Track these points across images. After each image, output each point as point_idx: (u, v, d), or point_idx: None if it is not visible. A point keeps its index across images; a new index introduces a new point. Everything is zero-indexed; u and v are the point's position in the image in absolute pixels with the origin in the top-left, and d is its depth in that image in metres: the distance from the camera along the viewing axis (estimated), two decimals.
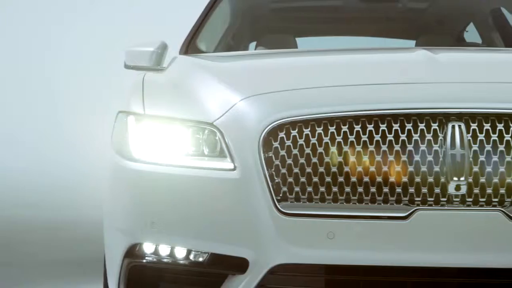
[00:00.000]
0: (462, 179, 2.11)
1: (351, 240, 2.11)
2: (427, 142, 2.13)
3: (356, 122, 2.15)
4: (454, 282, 2.12)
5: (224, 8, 4.34)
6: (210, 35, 4.14)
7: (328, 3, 4.60)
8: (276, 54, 3.28)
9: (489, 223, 2.10)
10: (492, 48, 3.66)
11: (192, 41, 3.78)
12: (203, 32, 3.95)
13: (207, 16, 4.04)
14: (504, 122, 2.13)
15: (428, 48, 2.76)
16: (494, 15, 4.45)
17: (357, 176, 2.13)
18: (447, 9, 4.60)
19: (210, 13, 4.08)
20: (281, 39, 4.35)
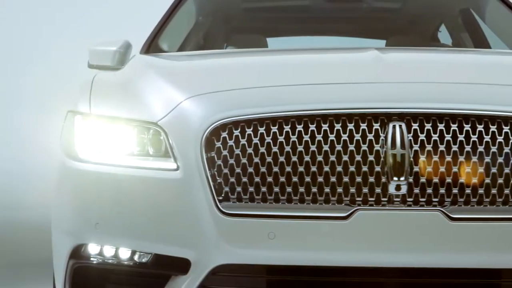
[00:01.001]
0: (402, 179, 2.11)
1: (292, 240, 2.11)
2: (369, 142, 2.13)
3: (298, 122, 2.15)
4: (395, 282, 2.12)
5: (189, 8, 4.32)
6: (175, 34, 4.13)
7: (297, 3, 4.60)
8: (232, 53, 3.27)
9: (429, 223, 2.10)
10: (452, 49, 3.67)
11: (154, 41, 3.77)
12: (166, 31, 3.94)
13: (171, 15, 4.03)
14: (445, 122, 2.13)
15: (380, 48, 2.77)
16: (463, 16, 4.47)
17: (299, 176, 2.13)
18: (419, 9, 4.61)
19: (174, 13, 4.06)
20: (251, 39, 4.35)
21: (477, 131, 2.13)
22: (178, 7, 4.11)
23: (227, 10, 4.63)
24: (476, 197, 2.12)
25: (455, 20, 4.52)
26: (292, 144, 2.14)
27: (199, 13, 4.42)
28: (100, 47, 3.51)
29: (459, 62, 2.74)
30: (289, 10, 4.66)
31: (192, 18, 4.39)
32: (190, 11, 4.37)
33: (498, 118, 2.14)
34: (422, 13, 4.64)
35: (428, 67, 2.55)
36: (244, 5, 4.46)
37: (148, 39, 3.80)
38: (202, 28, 4.53)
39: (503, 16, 4.06)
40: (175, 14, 4.06)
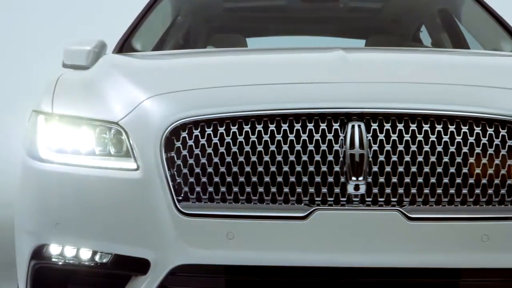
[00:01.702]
0: (360, 179, 2.11)
1: (250, 240, 2.11)
2: (328, 142, 2.13)
3: (258, 121, 2.14)
4: (353, 282, 2.12)
5: (165, 7, 4.31)
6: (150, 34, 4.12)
7: (278, 3, 4.61)
8: (201, 53, 3.27)
9: (387, 223, 2.10)
10: (423, 49, 3.67)
11: (128, 40, 3.76)
12: (141, 31, 3.92)
13: (146, 15, 4.01)
14: (404, 122, 2.14)
15: (347, 48, 2.77)
16: (442, 16, 4.48)
17: (258, 176, 2.13)
18: (399, 9, 4.62)
19: (149, 12, 4.05)
20: (231, 39, 4.35)
21: (436, 131, 2.13)
22: (154, 7, 4.10)
23: (208, 10, 4.63)
24: (435, 197, 2.12)
25: (434, 20, 4.53)
26: (252, 144, 2.14)
27: (177, 13, 4.41)
28: (74, 47, 3.51)
29: (424, 62, 2.75)
30: (269, 10, 4.66)
31: (168, 18, 4.38)
32: (166, 11, 4.36)
33: (457, 118, 2.14)
34: (402, 13, 4.65)
35: (391, 67, 2.55)
36: (225, 5, 4.45)
37: (122, 39, 3.78)
38: (181, 28, 4.52)
39: (478, 16, 4.07)
40: (150, 13, 4.05)
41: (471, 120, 2.14)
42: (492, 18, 3.94)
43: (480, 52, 3.49)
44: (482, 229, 2.09)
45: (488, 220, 2.10)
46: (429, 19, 4.56)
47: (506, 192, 2.12)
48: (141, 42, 3.92)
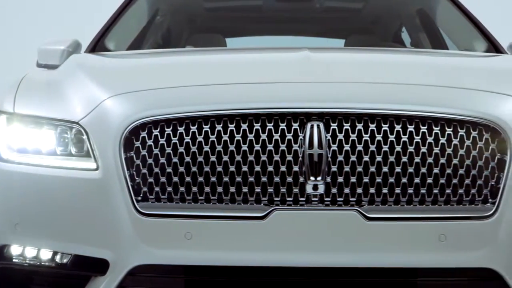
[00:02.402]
0: (319, 179, 2.11)
1: (208, 240, 2.10)
2: (287, 141, 2.13)
3: (217, 121, 2.14)
4: (311, 282, 2.12)
5: (141, 7, 4.30)
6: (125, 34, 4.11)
7: (258, 3, 4.61)
8: (170, 53, 3.26)
9: (345, 223, 2.10)
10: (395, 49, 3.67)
11: (101, 40, 3.75)
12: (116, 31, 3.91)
13: (121, 15, 4.00)
14: (363, 122, 2.14)
15: (313, 48, 2.77)
16: (420, 16, 4.49)
17: (217, 176, 2.13)
18: (379, 9, 4.62)
19: (124, 12, 4.04)
20: (210, 39, 4.34)
21: (395, 131, 2.13)
22: (129, 6, 4.09)
23: (188, 10, 4.62)
24: (393, 196, 2.13)
25: (413, 20, 4.54)
26: (211, 144, 2.13)
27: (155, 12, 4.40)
28: (48, 46, 3.50)
29: (387, 63, 2.75)
30: (248, 10, 4.66)
31: (144, 17, 4.37)
32: (142, 11, 4.35)
33: (416, 118, 2.14)
34: (382, 13, 4.66)
35: (353, 68, 2.55)
36: (206, 5, 4.45)
37: (95, 38, 3.77)
38: (160, 27, 4.51)
39: (453, 16, 4.08)
40: (125, 13, 4.04)
41: (430, 120, 2.14)
42: (466, 18, 3.95)
43: (448, 53, 3.50)
44: (439, 229, 2.10)
45: (445, 220, 2.10)
46: (408, 20, 4.56)
47: (464, 192, 2.13)
48: (115, 41, 3.90)
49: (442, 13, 4.37)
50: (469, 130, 2.15)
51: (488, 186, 2.14)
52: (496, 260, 2.10)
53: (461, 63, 2.85)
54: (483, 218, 2.11)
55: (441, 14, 4.39)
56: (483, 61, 3.01)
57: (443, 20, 4.35)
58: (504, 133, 2.14)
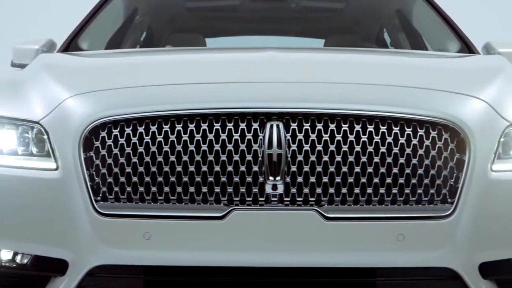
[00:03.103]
0: (278, 179, 2.11)
1: (167, 240, 2.10)
2: (247, 141, 2.13)
3: (177, 121, 2.14)
4: (270, 281, 2.12)
5: (117, 7, 4.29)
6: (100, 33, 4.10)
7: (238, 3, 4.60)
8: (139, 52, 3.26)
9: (304, 223, 2.10)
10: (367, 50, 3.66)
11: (75, 40, 3.74)
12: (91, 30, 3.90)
13: (96, 14, 3.99)
14: (323, 122, 2.14)
15: (280, 48, 2.77)
16: (399, 16, 4.50)
17: (176, 176, 2.12)
18: (359, 10, 4.63)
19: (100, 11, 4.03)
20: (189, 39, 4.34)
21: (355, 131, 2.14)
22: (104, 6, 4.08)
23: (169, 10, 4.62)
24: (352, 196, 2.13)
25: (392, 21, 4.55)
26: (171, 143, 2.13)
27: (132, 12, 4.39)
28: (23, 46, 3.49)
29: (354, 63, 2.75)
30: (228, 10, 4.66)
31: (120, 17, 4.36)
32: (118, 10, 4.34)
33: (376, 118, 2.15)
34: (362, 13, 4.66)
35: (317, 68, 2.55)
36: (186, 5, 4.45)
37: (68, 38, 3.76)
38: (140, 27, 4.50)
39: (428, 16, 4.09)
40: (100, 13, 4.03)
41: (389, 120, 2.14)
42: (441, 18, 3.96)
43: (418, 53, 3.50)
44: (397, 229, 2.10)
45: (404, 219, 2.11)
46: (388, 20, 4.57)
47: (423, 191, 2.14)
48: (89, 41, 3.89)
49: (418, 14, 4.38)
50: (429, 130, 2.15)
51: (447, 186, 2.14)
52: (455, 259, 2.11)
53: (428, 64, 2.86)
54: (441, 218, 2.11)
55: (417, 14, 4.40)
56: (451, 62, 3.02)
57: (419, 20, 4.36)
58: (463, 133, 2.15)
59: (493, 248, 2.15)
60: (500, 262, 2.16)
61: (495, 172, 2.16)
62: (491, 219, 2.14)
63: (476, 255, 2.13)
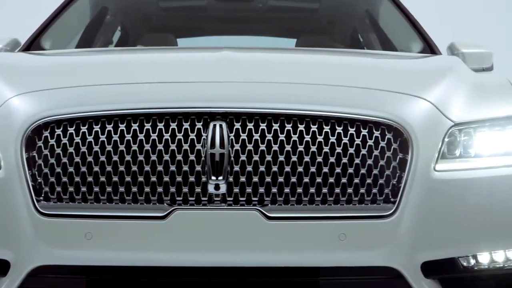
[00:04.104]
0: (221, 179, 2.11)
1: (109, 240, 2.09)
2: (190, 141, 2.13)
3: (121, 121, 2.13)
4: (211, 281, 2.11)
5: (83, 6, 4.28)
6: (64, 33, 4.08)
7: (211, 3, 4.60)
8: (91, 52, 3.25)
9: (246, 222, 2.10)
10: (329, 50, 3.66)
11: (37, 39, 3.72)
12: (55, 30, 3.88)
13: (60, 14, 3.97)
14: (267, 122, 2.14)
15: (235, 48, 2.76)
16: (369, 17, 4.51)
17: (119, 176, 2.12)
18: (331, 10, 4.63)
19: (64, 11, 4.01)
20: (161, 39, 4.33)
21: (298, 130, 2.14)
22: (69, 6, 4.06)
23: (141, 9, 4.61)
24: (295, 196, 2.13)
25: (364, 21, 4.56)
26: (113, 143, 2.12)
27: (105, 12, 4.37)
28: None
29: (307, 63, 2.75)
30: (197, 10, 4.65)
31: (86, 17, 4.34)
32: (84, 10, 4.32)
33: (319, 118, 2.15)
34: (335, 14, 4.67)
35: (267, 68, 2.55)
36: (160, 4, 4.43)
37: (30, 37, 3.75)
38: (111, 26, 4.49)
39: (393, 16, 4.10)
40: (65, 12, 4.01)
41: (333, 120, 2.15)
42: (405, 18, 3.97)
43: (376, 53, 3.51)
44: (340, 228, 2.10)
45: (345, 219, 2.11)
46: (360, 20, 4.58)
47: (365, 191, 2.14)
48: (52, 41, 3.88)
49: (385, 14, 4.39)
50: (372, 130, 2.15)
51: (389, 185, 2.15)
52: (397, 258, 2.12)
53: (380, 64, 2.86)
54: (383, 217, 2.12)
55: (384, 14, 4.42)
56: (404, 62, 3.03)
57: (386, 20, 4.37)
58: (406, 133, 2.15)
59: (436, 247, 2.16)
60: (443, 261, 2.17)
61: (439, 172, 2.17)
62: (434, 219, 2.15)
63: (418, 254, 2.14)
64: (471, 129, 2.27)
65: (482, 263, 2.23)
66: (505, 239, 2.24)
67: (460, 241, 2.18)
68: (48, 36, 3.80)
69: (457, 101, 2.31)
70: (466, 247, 2.19)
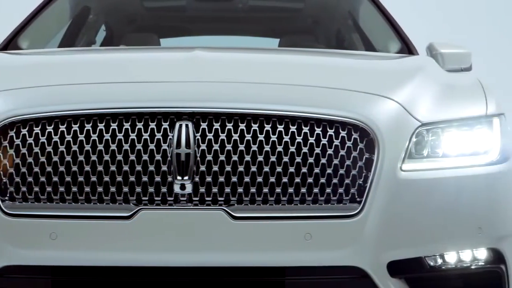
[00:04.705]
0: (186, 178, 2.11)
1: (74, 240, 2.09)
2: (156, 141, 2.13)
3: (87, 121, 2.13)
4: (177, 281, 2.11)
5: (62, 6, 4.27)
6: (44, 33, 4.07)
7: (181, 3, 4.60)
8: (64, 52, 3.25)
9: (212, 222, 2.10)
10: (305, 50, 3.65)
11: (15, 39, 3.71)
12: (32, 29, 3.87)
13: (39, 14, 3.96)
14: (233, 122, 2.14)
15: (207, 48, 2.76)
16: (351, 17, 4.51)
17: (84, 176, 2.12)
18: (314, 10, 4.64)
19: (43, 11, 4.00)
20: (144, 39, 4.32)
21: (265, 130, 2.14)
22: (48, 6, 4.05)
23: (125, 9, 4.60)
24: (261, 196, 2.13)
25: (346, 21, 4.56)
26: (79, 143, 2.12)
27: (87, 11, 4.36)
28: None
29: (277, 63, 2.74)
30: (181, 10, 4.65)
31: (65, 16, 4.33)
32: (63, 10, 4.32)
33: (286, 118, 2.15)
34: (319, 14, 4.67)
35: (236, 68, 2.54)
36: (144, 4, 4.43)
37: (8, 37, 3.73)
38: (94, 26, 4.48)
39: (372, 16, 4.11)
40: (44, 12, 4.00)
41: (300, 120, 2.15)
42: (384, 18, 3.98)
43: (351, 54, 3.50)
44: (305, 228, 2.10)
45: (311, 219, 2.11)
46: (343, 21, 4.59)
47: (331, 191, 2.14)
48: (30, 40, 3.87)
49: (365, 14, 4.40)
50: (339, 130, 2.16)
51: (355, 185, 2.15)
52: (362, 258, 2.12)
53: (352, 64, 2.85)
54: (349, 217, 2.12)
55: (364, 15, 4.42)
56: (377, 63, 3.03)
57: (366, 21, 4.38)
58: (372, 133, 2.16)
59: (402, 247, 2.16)
60: (409, 260, 2.18)
61: (405, 171, 2.18)
62: (400, 218, 2.15)
63: (384, 253, 2.14)
64: (439, 129, 2.28)
65: (449, 263, 2.24)
66: (472, 238, 2.24)
67: (427, 240, 2.19)
68: (26, 36, 3.78)
69: (425, 101, 2.32)
70: (432, 247, 2.20)
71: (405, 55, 3.44)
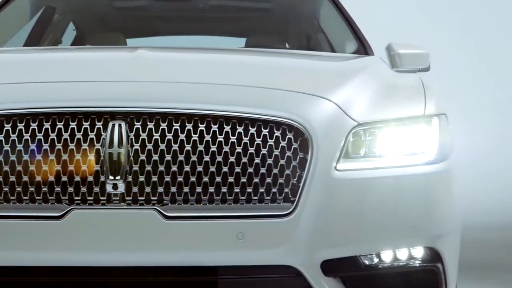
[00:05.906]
0: (118, 178, 2.11)
1: (4, 240, 2.07)
2: (90, 140, 2.12)
3: (20, 120, 2.12)
4: (109, 281, 2.11)
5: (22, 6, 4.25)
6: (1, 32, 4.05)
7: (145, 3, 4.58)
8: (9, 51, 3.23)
9: (144, 222, 2.09)
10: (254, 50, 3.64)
11: None
12: None
13: None
14: (168, 122, 2.13)
15: (152, 48, 2.75)
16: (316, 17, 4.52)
17: (16, 176, 2.10)
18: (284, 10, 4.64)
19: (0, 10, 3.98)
20: (109, 38, 4.31)
21: (199, 130, 2.14)
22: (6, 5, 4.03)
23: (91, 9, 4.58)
24: (194, 196, 2.13)
25: (312, 22, 4.57)
26: (12, 142, 2.11)
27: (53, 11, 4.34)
28: None
29: (218, 63, 2.74)
30: (144, 10, 4.63)
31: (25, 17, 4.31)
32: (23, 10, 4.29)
33: (221, 118, 2.15)
34: (284, 14, 4.67)
35: (177, 68, 2.53)
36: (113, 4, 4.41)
37: None
38: (59, 26, 4.46)
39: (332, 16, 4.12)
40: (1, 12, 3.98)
41: (234, 120, 2.15)
42: (343, 18, 3.99)
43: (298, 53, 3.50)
44: (237, 227, 2.10)
45: (244, 218, 2.11)
46: (309, 21, 4.60)
47: (265, 190, 2.14)
48: None
49: (326, 15, 4.41)
50: (273, 130, 2.16)
51: (289, 184, 2.15)
52: (295, 257, 2.12)
53: (295, 65, 2.85)
54: (281, 216, 2.12)
55: (326, 16, 4.44)
56: (324, 63, 3.03)
57: (327, 21, 4.39)
58: (306, 133, 2.16)
59: (336, 246, 2.17)
60: (344, 259, 2.18)
61: (340, 171, 2.18)
62: (334, 217, 2.16)
63: (318, 252, 2.15)
64: (376, 129, 2.28)
65: (386, 261, 2.25)
66: (408, 237, 2.25)
67: (361, 239, 2.20)
68: None
69: (363, 101, 2.32)
70: (368, 246, 2.21)
71: (359, 56, 3.45)
